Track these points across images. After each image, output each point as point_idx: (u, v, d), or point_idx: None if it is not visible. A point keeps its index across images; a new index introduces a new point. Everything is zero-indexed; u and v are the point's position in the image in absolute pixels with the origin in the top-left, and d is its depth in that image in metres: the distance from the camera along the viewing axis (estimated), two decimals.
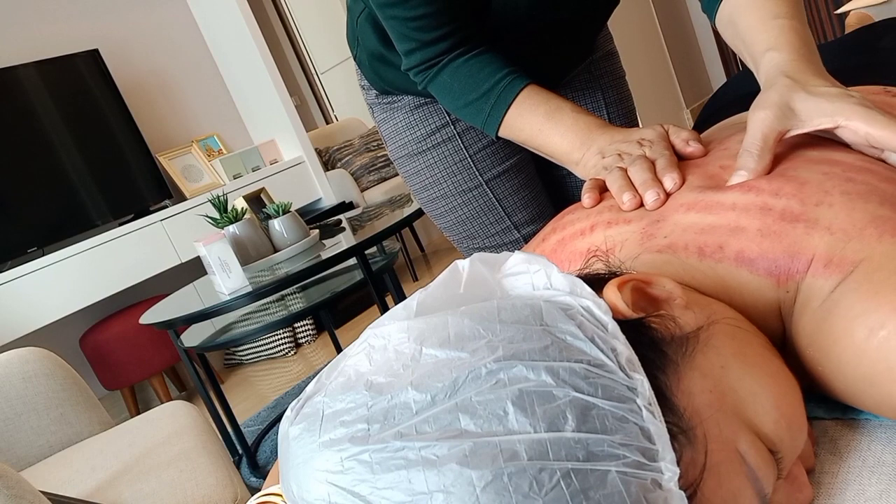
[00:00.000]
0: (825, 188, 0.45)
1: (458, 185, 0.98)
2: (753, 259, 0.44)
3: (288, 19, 5.02)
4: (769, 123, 0.50)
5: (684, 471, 0.32)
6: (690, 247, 0.47)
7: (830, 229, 0.42)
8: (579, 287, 0.36)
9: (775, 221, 0.44)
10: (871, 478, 0.40)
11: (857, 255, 0.40)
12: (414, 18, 0.76)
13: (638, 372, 0.33)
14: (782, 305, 0.44)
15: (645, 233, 0.51)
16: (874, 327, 0.37)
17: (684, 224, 0.49)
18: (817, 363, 0.41)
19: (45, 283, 2.55)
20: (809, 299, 0.42)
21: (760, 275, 0.44)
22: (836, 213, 0.43)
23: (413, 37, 0.78)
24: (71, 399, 1.59)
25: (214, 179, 3.24)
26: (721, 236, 0.46)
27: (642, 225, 0.51)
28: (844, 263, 0.41)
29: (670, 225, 0.49)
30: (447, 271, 0.40)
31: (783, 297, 0.44)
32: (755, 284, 0.44)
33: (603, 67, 1.05)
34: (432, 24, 0.77)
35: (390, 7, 0.76)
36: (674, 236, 0.48)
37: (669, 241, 0.48)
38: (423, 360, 0.33)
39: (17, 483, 0.90)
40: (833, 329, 0.39)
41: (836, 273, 0.41)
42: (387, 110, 1.00)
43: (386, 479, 0.30)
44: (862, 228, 0.41)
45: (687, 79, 4.31)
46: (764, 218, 0.45)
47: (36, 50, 2.90)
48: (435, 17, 0.76)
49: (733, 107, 0.75)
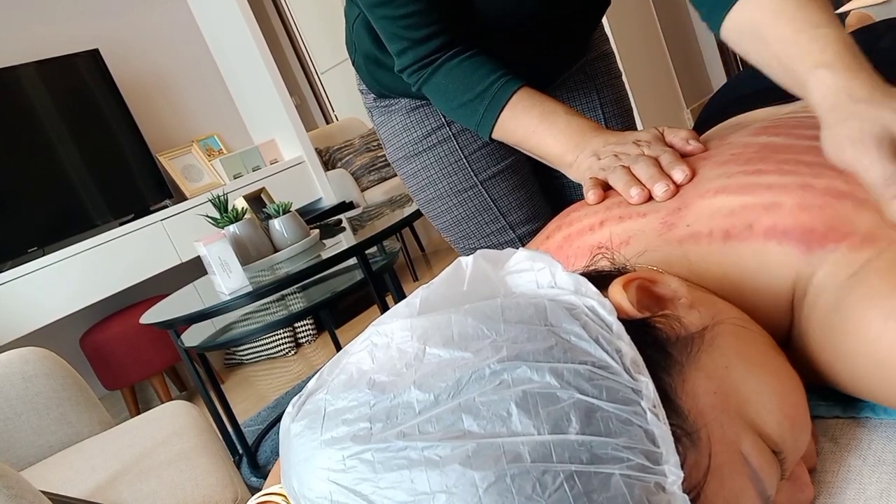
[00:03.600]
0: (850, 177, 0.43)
1: (454, 185, 0.99)
2: (787, 230, 0.42)
3: (288, 19, 5.02)
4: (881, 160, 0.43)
5: (688, 473, 0.32)
6: (715, 232, 0.46)
7: (876, 209, 0.41)
8: (584, 286, 0.36)
9: (817, 196, 0.43)
10: (871, 476, 0.40)
11: (893, 235, 0.39)
12: (402, 17, 0.77)
13: (643, 374, 0.32)
14: (797, 284, 0.43)
15: (664, 223, 0.49)
16: (891, 313, 0.36)
17: (711, 209, 0.47)
18: (826, 341, 0.40)
19: (45, 283, 2.54)
20: (833, 274, 0.40)
21: (789, 244, 0.42)
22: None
23: (403, 35, 0.79)
24: (71, 399, 1.59)
25: (215, 179, 3.24)
26: (753, 214, 0.44)
27: (661, 216, 0.50)
28: (879, 240, 0.39)
29: (694, 213, 0.48)
30: (450, 268, 0.40)
31: (802, 273, 0.42)
32: (776, 257, 0.43)
33: (598, 67, 1.05)
34: (420, 22, 0.77)
35: (378, 7, 0.77)
36: (698, 224, 0.47)
37: (693, 230, 0.47)
38: (426, 359, 0.33)
39: (17, 483, 0.90)
40: (851, 308, 0.38)
41: (869, 248, 0.39)
42: (384, 113, 1.01)
43: (388, 479, 0.29)
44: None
45: (687, 79, 4.31)
46: (804, 194, 0.43)
47: (36, 50, 2.90)
48: (422, 15, 0.76)
49: (733, 107, 0.75)
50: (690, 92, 4.33)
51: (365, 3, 0.78)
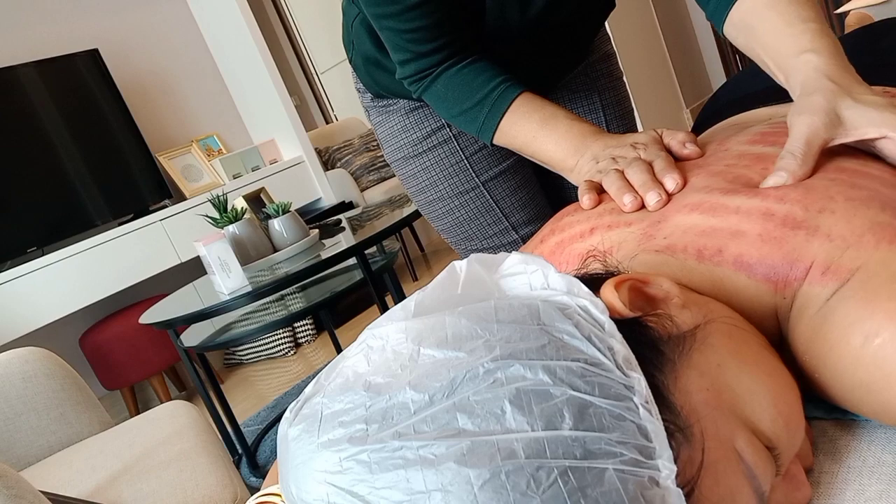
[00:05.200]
0: (830, 194, 0.45)
1: (455, 186, 0.98)
2: (752, 264, 0.44)
3: (288, 19, 5.02)
4: (816, 129, 0.49)
5: (681, 468, 0.32)
6: (689, 248, 0.47)
7: (830, 236, 0.42)
8: (576, 287, 0.37)
9: (776, 227, 0.44)
10: (870, 478, 0.40)
11: (854, 263, 0.40)
12: (408, 31, 0.76)
13: (635, 370, 0.33)
14: (779, 311, 0.44)
15: (645, 234, 0.51)
16: (869, 334, 0.37)
17: (685, 225, 0.49)
18: (814, 370, 0.41)
19: (45, 283, 2.55)
20: (806, 307, 0.42)
21: (758, 280, 0.44)
22: (837, 220, 0.43)
23: (408, 48, 0.78)
24: (71, 399, 1.59)
25: (214, 179, 3.24)
26: (721, 239, 0.46)
27: (643, 226, 0.51)
28: (841, 271, 0.41)
29: (671, 226, 0.49)
30: (445, 272, 0.40)
31: (780, 304, 0.44)
32: (753, 290, 0.44)
33: (600, 69, 1.05)
34: (426, 37, 0.77)
35: (385, 19, 0.76)
36: (673, 237, 0.48)
37: (668, 243, 0.48)
38: (420, 360, 0.33)
39: (17, 483, 0.90)
40: (829, 336, 0.40)
41: (833, 280, 0.41)
42: (382, 113, 1.00)
43: (384, 479, 0.30)
44: (860, 235, 0.41)
45: (687, 79, 4.31)
46: (765, 223, 0.45)
47: (36, 50, 2.90)
48: (429, 31, 0.76)
49: (733, 108, 0.75)
50: (690, 92, 4.33)
51: (371, 12, 0.77)
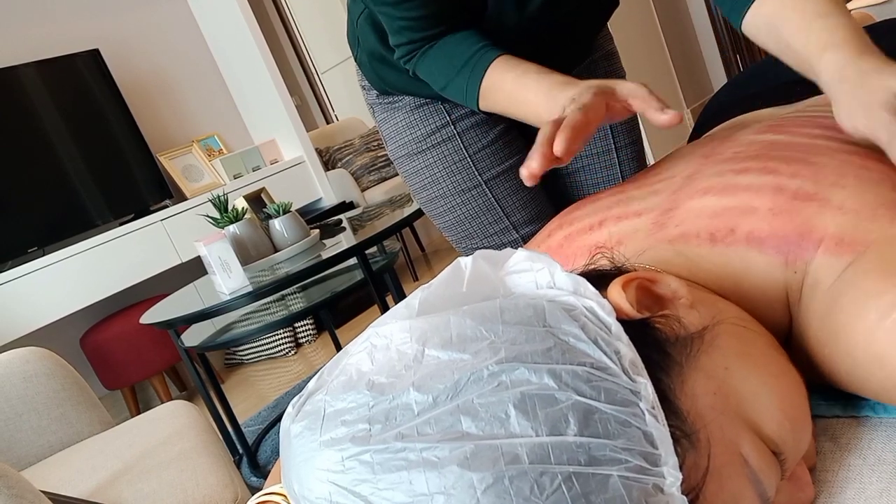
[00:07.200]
0: (841, 172, 0.45)
1: (458, 184, 0.98)
2: (764, 238, 0.44)
3: (288, 19, 5.02)
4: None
5: (687, 475, 0.32)
6: (702, 233, 0.47)
7: (843, 209, 0.42)
8: (583, 287, 0.36)
9: (788, 200, 0.44)
10: (871, 476, 0.40)
11: (869, 236, 0.40)
12: (408, 19, 0.77)
13: (641, 375, 0.32)
14: (790, 290, 0.44)
15: (656, 223, 0.50)
16: (886, 310, 0.37)
17: (698, 209, 0.48)
18: (825, 345, 0.41)
19: (45, 283, 2.54)
20: (820, 280, 0.42)
21: (770, 254, 0.44)
22: (849, 194, 0.43)
23: (406, 35, 0.80)
24: (71, 399, 1.59)
25: (215, 179, 3.24)
26: (733, 218, 0.46)
27: (653, 216, 0.51)
28: (856, 243, 0.40)
29: (683, 212, 0.49)
30: (449, 269, 0.39)
31: (791, 281, 0.44)
32: (763, 266, 0.44)
33: (603, 68, 1.05)
34: (425, 26, 0.78)
35: (385, 5, 0.77)
36: (686, 224, 0.48)
37: (681, 230, 0.48)
38: (425, 360, 0.33)
39: (17, 483, 0.90)
40: (844, 310, 0.39)
41: (848, 252, 0.40)
42: (387, 110, 1.01)
43: (387, 480, 0.30)
44: (875, 209, 0.41)
45: (687, 79, 4.30)
46: (776, 197, 0.45)
47: (36, 50, 2.90)
48: (428, 20, 0.77)
49: (734, 108, 0.75)
50: (690, 92, 4.32)
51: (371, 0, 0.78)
